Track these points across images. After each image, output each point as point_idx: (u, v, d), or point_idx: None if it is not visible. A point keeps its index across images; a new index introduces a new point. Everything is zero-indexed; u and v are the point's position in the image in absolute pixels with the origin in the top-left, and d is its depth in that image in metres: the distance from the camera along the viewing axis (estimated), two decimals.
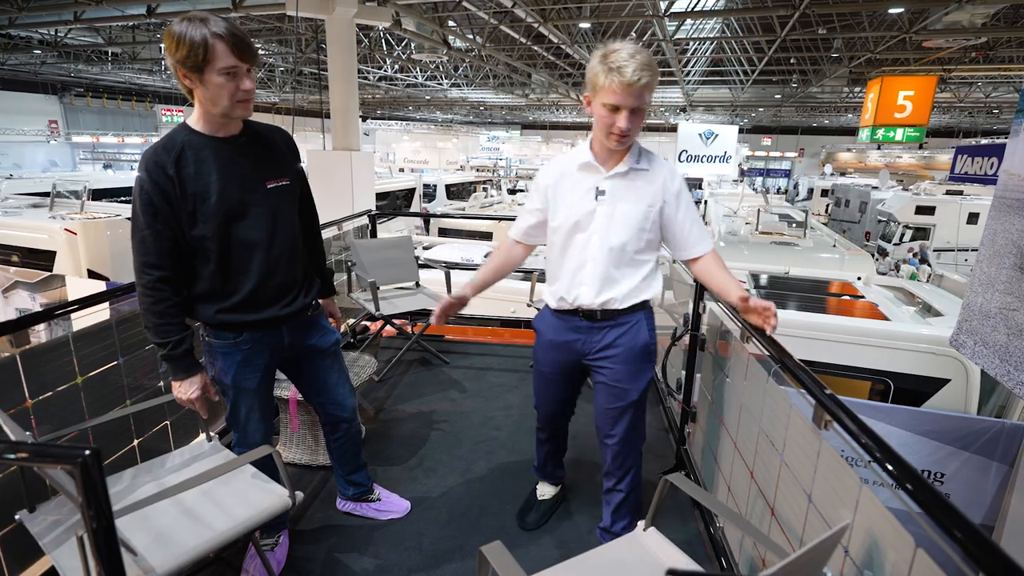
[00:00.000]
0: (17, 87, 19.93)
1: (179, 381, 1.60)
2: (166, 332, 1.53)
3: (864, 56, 12.50)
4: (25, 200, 8.27)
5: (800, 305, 4.75)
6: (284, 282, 1.65)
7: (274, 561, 1.84)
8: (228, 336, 1.63)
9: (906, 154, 30.41)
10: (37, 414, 1.69)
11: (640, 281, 1.71)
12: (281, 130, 1.71)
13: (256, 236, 1.56)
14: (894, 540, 0.83)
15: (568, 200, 1.69)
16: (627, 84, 1.45)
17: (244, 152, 1.55)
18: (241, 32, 1.42)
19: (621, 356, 1.73)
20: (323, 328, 1.85)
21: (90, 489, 0.86)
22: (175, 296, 1.54)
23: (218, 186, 1.49)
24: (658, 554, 1.27)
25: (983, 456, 3.17)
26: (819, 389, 1.07)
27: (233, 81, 1.42)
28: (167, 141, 1.49)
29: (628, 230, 1.65)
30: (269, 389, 1.80)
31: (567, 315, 1.78)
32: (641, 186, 1.65)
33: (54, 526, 1.40)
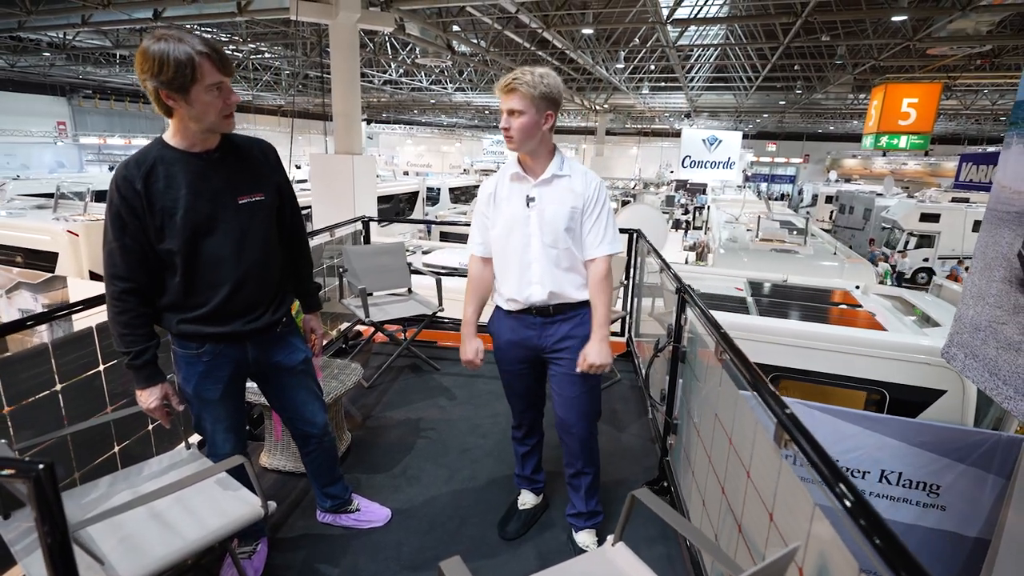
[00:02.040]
0: (27, 88, 20.17)
1: (140, 390, 1.61)
2: (129, 342, 1.55)
3: (868, 63, 12.47)
4: (30, 201, 8.35)
5: (796, 314, 4.74)
6: (251, 298, 1.64)
7: (251, 569, 1.85)
8: (191, 346, 1.63)
9: (912, 161, 30.27)
10: (16, 421, 1.71)
11: (584, 280, 1.88)
12: (262, 144, 1.70)
13: (223, 252, 1.56)
14: (841, 564, 0.83)
15: (504, 208, 1.88)
16: (499, 89, 1.76)
17: (217, 167, 1.55)
18: (219, 46, 1.45)
19: (576, 346, 1.87)
20: (291, 345, 1.82)
21: (43, 503, 0.87)
22: (141, 307, 1.55)
23: (186, 201, 1.49)
24: (625, 570, 1.27)
25: (979, 468, 3.15)
26: (780, 408, 1.07)
27: (220, 96, 1.44)
28: (140, 155, 1.50)
29: (556, 229, 1.82)
30: (236, 402, 1.79)
31: (521, 315, 1.92)
32: (564, 190, 1.83)
33: (26, 534, 1.41)
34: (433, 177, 19.24)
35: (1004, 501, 2.99)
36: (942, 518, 3.23)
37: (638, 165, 33.73)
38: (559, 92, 1.78)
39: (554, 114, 1.79)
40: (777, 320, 4.32)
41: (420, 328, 3.71)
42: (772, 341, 4.05)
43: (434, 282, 3.75)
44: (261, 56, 16.09)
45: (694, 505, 1.92)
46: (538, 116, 1.75)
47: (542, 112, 1.75)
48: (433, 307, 3.60)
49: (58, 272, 6.13)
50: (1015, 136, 2.55)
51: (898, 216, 15.56)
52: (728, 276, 5.80)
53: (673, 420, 2.31)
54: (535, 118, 1.74)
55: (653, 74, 16.90)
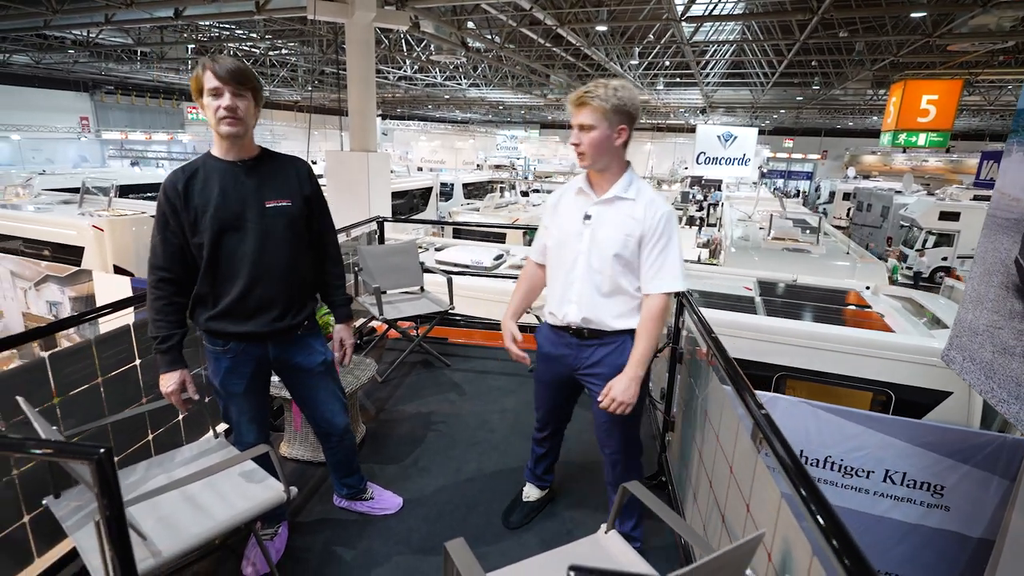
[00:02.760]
0: (51, 85, 20.65)
1: (161, 374, 1.76)
2: (159, 327, 1.72)
3: (887, 59, 12.30)
4: (56, 196, 8.62)
5: (804, 314, 4.78)
6: (267, 295, 1.76)
7: (273, 550, 1.99)
8: (217, 343, 1.80)
9: (932, 158, 29.70)
10: (63, 409, 1.86)
11: (629, 309, 1.79)
12: (299, 161, 1.86)
13: (245, 249, 1.71)
14: (799, 548, 0.93)
15: (561, 222, 1.85)
16: (570, 102, 1.71)
17: (250, 173, 1.73)
18: (232, 62, 1.62)
19: (608, 374, 1.79)
20: (311, 348, 1.93)
21: (103, 482, 1.01)
22: (174, 297, 1.72)
23: (216, 201, 1.67)
24: (615, 555, 1.38)
25: (984, 470, 3.19)
26: (756, 409, 1.17)
27: (216, 100, 1.61)
28: (189, 163, 1.72)
29: (606, 254, 1.75)
30: (260, 395, 1.93)
31: (559, 331, 1.91)
32: (623, 214, 1.75)
33: (76, 511, 1.57)
34: (447, 173, 19.37)
35: (1008, 503, 3.03)
36: (946, 518, 3.29)
37: (651, 161, 33.54)
38: (635, 105, 1.69)
39: (628, 128, 1.71)
40: (784, 320, 4.37)
41: (432, 325, 3.84)
42: (779, 341, 4.11)
43: (446, 281, 3.88)
44: (278, 52, 16.32)
45: (688, 498, 2.02)
46: (610, 130, 1.68)
47: (615, 126, 1.68)
48: (444, 305, 3.72)
49: (84, 266, 6.35)
50: (1015, 144, 2.59)
51: (917, 214, 15.35)
52: (737, 275, 5.84)
53: (671, 418, 2.41)
54: (607, 132, 1.68)
55: (668, 70, 16.82)
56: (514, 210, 12.32)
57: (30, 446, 1.13)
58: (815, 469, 3.38)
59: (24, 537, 1.78)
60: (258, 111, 1.72)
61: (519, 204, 13.15)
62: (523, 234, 10.40)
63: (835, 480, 3.40)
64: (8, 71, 18.26)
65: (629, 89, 1.68)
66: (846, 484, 3.40)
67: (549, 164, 29.31)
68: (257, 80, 1.68)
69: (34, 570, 1.78)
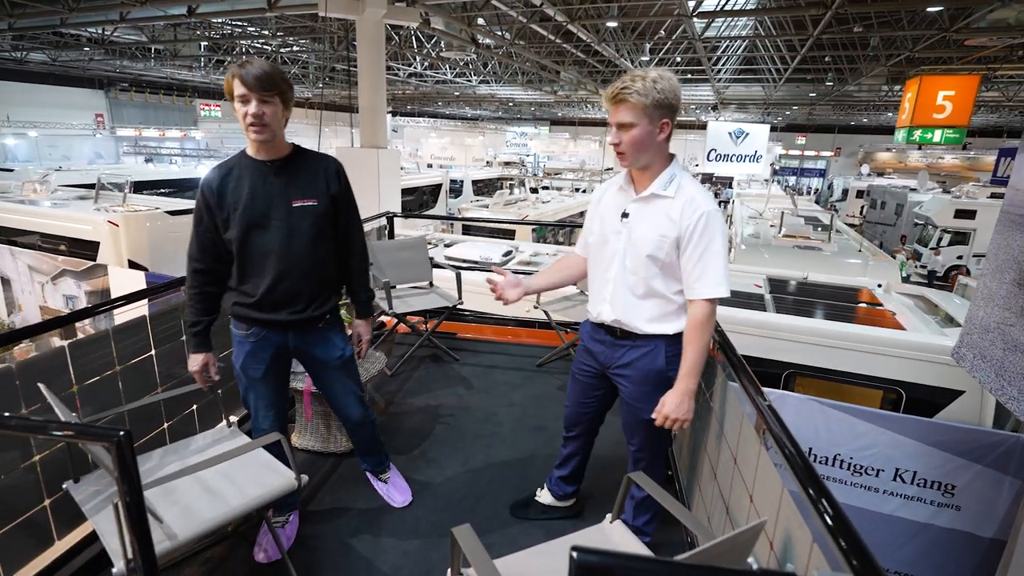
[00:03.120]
0: (67, 82, 20.92)
1: (189, 355, 1.90)
2: (190, 312, 1.87)
3: (902, 55, 12.13)
4: (73, 192, 8.76)
5: (814, 312, 4.75)
6: (293, 289, 1.84)
7: (284, 537, 2.04)
8: (241, 327, 1.90)
9: (949, 155, 29.25)
10: (82, 397, 1.92)
11: (664, 313, 1.71)
12: (327, 159, 1.92)
13: (272, 245, 1.79)
14: (800, 536, 0.94)
15: (602, 218, 1.81)
16: (606, 99, 1.60)
17: (278, 173, 1.81)
18: (259, 69, 1.67)
19: (636, 377, 1.77)
20: (330, 342, 2.00)
21: (123, 464, 1.04)
22: (205, 287, 1.84)
23: (246, 200, 1.76)
24: (619, 544, 1.40)
25: (996, 470, 3.17)
26: (760, 400, 1.18)
27: (244, 107, 1.69)
28: (224, 162, 1.83)
29: (640, 255, 1.68)
30: (278, 383, 2.00)
31: (596, 327, 1.88)
32: (659, 213, 1.66)
33: (95, 495, 1.61)
34: (456, 170, 19.40)
35: (1021, 503, 3.01)
36: (957, 518, 3.27)
37: None
38: (676, 95, 1.58)
39: (671, 122, 1.60)
40: (794, 318, 4.35)
41: (440, 320, 3.87)
42: (788, 339, 4.09)
43: (455, 276, 3.91)
44: (290, 50, 16.42)
45: (694, 491, 2.03)
46: (652, 126, 1.58)
47: (656, 122, 1.58)
48: (453, 300, 3.75)
49: (99, 260, 6.45)
50: None
51: (932, 212, 15.16)
52: (747, 273, 5.82)
53: None
54: (649, 129, 1.57)
55: (679, 66, 16.70)
56: (523, 207, 12.32)
57: (52, 428, 1.17)
58: (824, 467, 3.37)
59: (45, 520, 1.84)
60: (287, 113, 1.78)
61: (528, 201, 13.15)
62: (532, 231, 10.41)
63: (844, 478, 3.39)
64: (25, 69, 18.54)
65: (669, 79, 1.56)
66: (855, 482, 3.39)
67: (559, 161, 29.25)
68: (285, 83, 1.73)
69: (55, 552, 1.84)
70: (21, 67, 18.18)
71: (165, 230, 6.72)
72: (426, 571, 1.96)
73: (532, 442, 2.84)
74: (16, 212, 7.33)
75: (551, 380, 3.56)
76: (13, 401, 1.77)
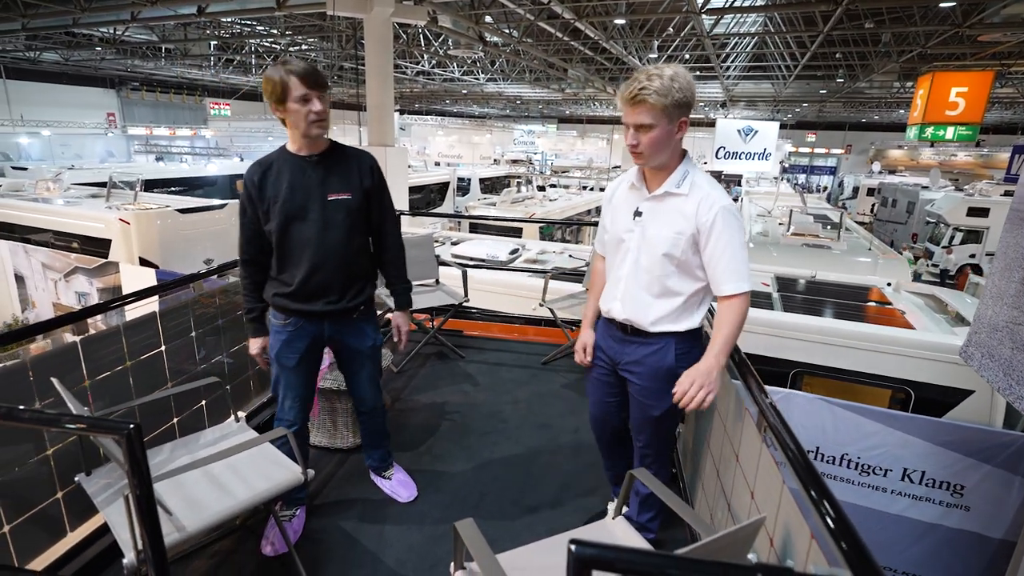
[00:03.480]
0: (80, 82, 21.17)
1: (249, 339, 2.04)
2: (245, 300, 2.00)
3: (915, 51, 11.99)
4: (85, 190, 8.87)
5: (823, 310, 4.72)
6: (328, 280, 1.92)
7: (291, 531, 2.06)
8: (279, 317, 1.98)
9: (962, 152, 28.88)
10: (94, 392, 1.95)
11: (673, 311, 1.69)
12: (363, 154, 2.00)
13: (308, 236, 1.88)
14: (799, 532, 0.94)
15: (615, 217, 1.80)
16: (624, 101, 1.55)
17: (316, 168, 1.88)
18: (311, 67, 1.77)
19: (645, 374, 1.76)
20: (363, 332, 2.09)
21: (133, 457, 1.07)
22: (255, 276, 1.97)
23: (284, 193, 1.85)
24: (620, 538, 1.41)
25: (1005, 470, 3.14)
26: (762, 398, 1.18)
27: (306, 105, 1.76)
28: (264, 158, 1.91)
29: (655, 253, 1.66)
30: (308, 374, 2.08)
31: (608, 322, 1.88)
32: (674, 211, 1.63)
33: (106, 488, 1.64)
34: (464, 168, 19.42)
35: None
36: (966, 518, 3.24)
37: None
38: (693, 93, 1.54)
39: (688, 119, 1.58)
40: (801, 316, 4.33)
41: (447, 317, 3.89)
42: (795, 337, 4.08)
43: (461, 274, 3.92)
44: (298, 48, 16.50)
45: (697, 489, 2.04)
46: (671, 126, 1.54)
47: (675, 121, 1.55)
48: (459, 298, 3.77)
49: (111, 258, 6.54)
50: None
51: (944, 210, 14.97)
52: (755, 271, 5.78)
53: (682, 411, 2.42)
54: (668, 128, 1.54)
55: (688, 63, 16.59)
56: (530, 205, 12.32)
57: (65, 421, 1.20)
58: (832, 466, 3.36)
59: (58, 512, 1.88)
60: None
61: (536, 199, 13.14)
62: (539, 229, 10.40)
63: (851, 478, 3.38)
64: (39, 69, 18.78)
65: (684, 76, 1.52)
66: (863, 482, 3.37)
67: (566, 159, 29.18)
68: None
69: (67, 543, 1.88)
70: (35, 67, 18.42)
71: (176, 228, 6.80)
72: (430, 565, 1.98)
73: (537, 439, 2.85)
74: (30, 210, 7.44)
75: (556, 378, 3.57)
76: (27, 395, 1.81)
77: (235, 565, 1.96)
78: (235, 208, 8.09)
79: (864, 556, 0.75)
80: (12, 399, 1.78)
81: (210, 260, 6.97)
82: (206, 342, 2.58)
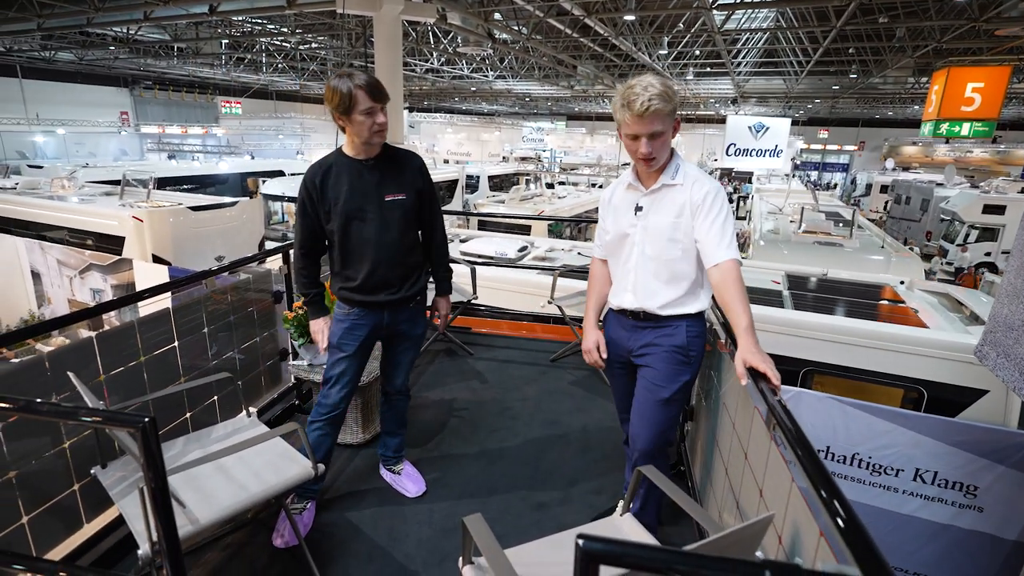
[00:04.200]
0: (94, 81, 21.43)
1: (311, 319, 2.19)
2: (302, 286, 2.14)
3: (930, 46, 11.81)
4: (99, 188, 8.99)
5: (834, 309, 4.68)
6: (388, 274, 2.07)
7: (301, 524, 2.09)
8: (344, 307, 2.13)
9: (978, 148, 28.41)
10: (109, 386, 1.98)
11: (681, 295, 1.81)
12: (413, 156, 2.13)
13: (369, 235, 2.01)
14: (808, 530, 0.94)
15: (616, 216, 1.91)
16: (637, 115, 1.65)
17: (372, 171, 2.01)
18: (376, 81, 1.89)
19: (659, 354, 1.84)
20: (416, 319, 2.24)
21: (148, 450, 1.09)
22: (310, 267, 2.12)
23: (345, 195, 1.97)
24: (629, 535, 1.41)
25: (1020, 471, 3.10)
26: (772, 396, 1.18)
27: (371, 118, 1.89)
28: (323, 161, 2.03)
29: (659, 240, 1.79)
30: (361, 363, 2.19)
31: (619, 314, 1.97)
32: (671, 199, 1.78)
33: (121, 480, 1.67)
34: (472, 165, 19.43)
35: None
36: (979, 520, 3.21)
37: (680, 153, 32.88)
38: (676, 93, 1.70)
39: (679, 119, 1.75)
40: (812, 315, 4.30)
41: (455, 315, 3.90)
42: (806, 336, 4.04)
43: (469, 271, 3.93)
44: (308, 47, 16.58)
45: (706, 486, 2.03)
46: (670, 127, 1.70)
47: (671, 122, 1.71)
48: (468, 295, 3.77)
49: (125, 255, 6.62)
50: None
51: (959, 207, 14.75)
52: (765, 269, 5.74)
53: (689, 408, 2.42)
54: (669, 130, 1.70)
55: (698, 60, 16.49)
56: (539, 202, 12.30)
57: (82, 414, 1.22)
58: (842, 466, 3.33)
59: (75, 504, 1.91)
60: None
61: (544, 196, 13.11)
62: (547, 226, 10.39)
63: (862, 477, 3.35)
64: (54, 68, 19.03)
65: (668, 79, 1.70)
66: (874, 482, 3.34)
67: (575, 156, 29.09)
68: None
69: (84, 534, 1.91)
70: (50, 66, 18.66)
71: (188, 225, 6.87)
72: (439, 560, 2.00)
73: (545, 436, 2.86)
74: (46, 208, 7.54)
75: (565, 375, 3.57)
76: (45, 389, 1.85)
77: (247, 557, 1.98)
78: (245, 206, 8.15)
79: (873, 553, 0.75)
80: (30, 393, 1.81)
81: (221, 257, 7.04)
82: (218, 338, 2.61)
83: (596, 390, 3.38)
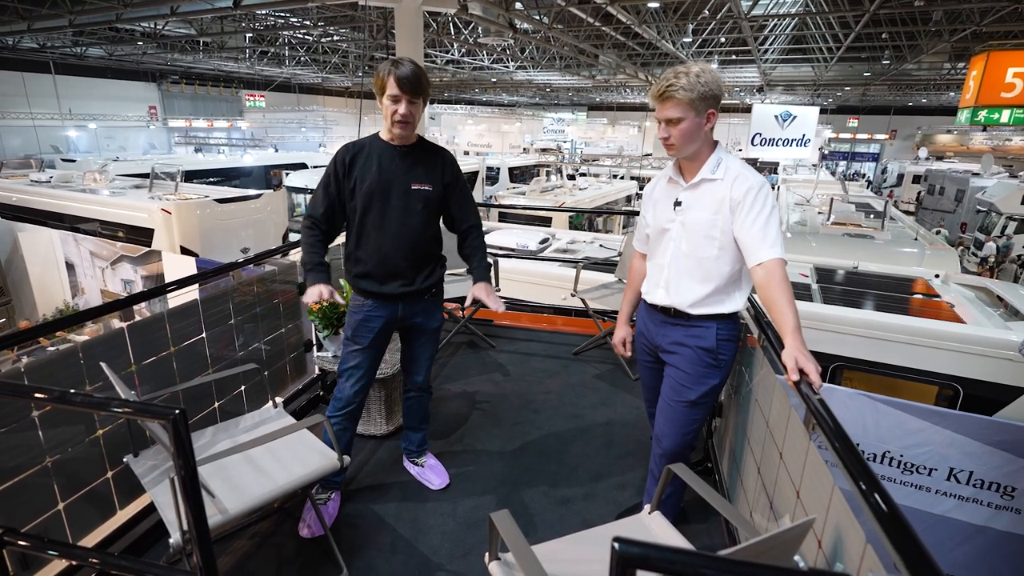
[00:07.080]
0: (123, 76, 21.89)
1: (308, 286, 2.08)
2: (305, 254, 2.07)
3: (968, 29, 11.34)
4: (129, 181, 9.19)
5: (865, 303, 4.55)
6: (403, 261, 2.05)
7: (327, 514, 2.11)
8: (359, 299, 2.13)
9: (1017, 136, 27.28)
10: (140, 376, 2.02)
11: (714, 293, 1.76)
12: (446, 152, 2.16)
13: (389, 218, 2.02)
14: (852, 536, 0.90)
15: (656, 210, 1.89)
16: (654, 97, 1.69)
17: (404, 158, 2.03)
18: (412, 74, 1.89)
19: (686, 354, 1.81)
20: (432, 312, 2.23)
21: (179, 440, 1.09)
22: (317, 236, 2.06)
23: (373, 176, 2.00)
24: (657, 534, 1.38)
25: None
26: (811, 393, 1.14)
27: (393, 105, 1.92)
28: (359, 141, 2.07)
29: (696, 237, 1.76)
30: (376, 355, 2.18)
31: (650, 307, 1.95)
32: (710, 195, 1.73)
33: (152, 469, 1.70)
34: (493, 157, 19.36)
35: None
36: (1017, 521, 3.10)
37: None
38: (720, 86, 1.66)
39: (716, 111, 1.69)
40: (842, 309, 4.18)
41: (477, 307, 3.89)
42: (836, 330, 3.94)
43: (491, 263, 3.90)
44: (330, 39, 16.66)
45: (735, 484, 1.99)
46: (699, 118, 1.66)
47: (703, 113, 1.66)
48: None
49: (154, 246, 6.76)
50: None
51: (996, 198, 14.21)
52: (793, 261, 5.61)
53: (718, 403, 2.37)
54: (696, 120, 1.65)
55: (723, 47, 16.10)
56: (560, 194, 12.20)
57: (114, 405, 1.24)
58: (872, 464, 3.25)
59: (108, 491, 1.96)
60: (424, 108, 2.02)
61: (565, 188, 13.01)
62: (568, 218, 10.31)
63: (894, 476, 3.26)
64: (85, 64, 19.48)
65: (711, 72, 1.64)
66: (905, 481, 3.25)
67: (597, 147, 28.79)
68: (429, 85, 1.97)
69: (117, 520, 1.96)
70: (81, 62, 19.10)
71: (214, 217, 6.98)
72: (463, 553, 2.00)
73: (568, 430, 2.84)
74: (79, 200, 7.74)
75: (587, 369, 3.54)
76: (78, 379, 1.89)
77: (274, 546, 2.01)
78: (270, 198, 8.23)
79: (927, 562, 0.71)
80: (64, 381, 1.86)
81: (247, 249, 7.14)
82: (244, 329, 2.64)
83: (620, 384, 3.34)
